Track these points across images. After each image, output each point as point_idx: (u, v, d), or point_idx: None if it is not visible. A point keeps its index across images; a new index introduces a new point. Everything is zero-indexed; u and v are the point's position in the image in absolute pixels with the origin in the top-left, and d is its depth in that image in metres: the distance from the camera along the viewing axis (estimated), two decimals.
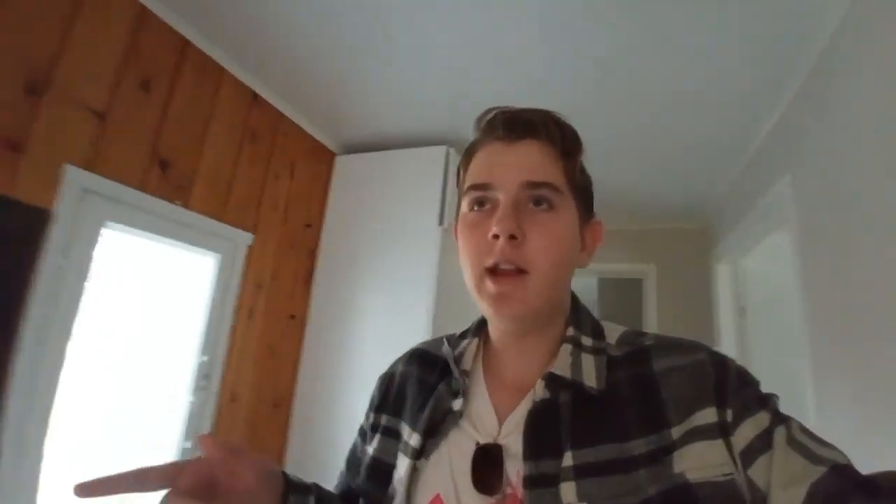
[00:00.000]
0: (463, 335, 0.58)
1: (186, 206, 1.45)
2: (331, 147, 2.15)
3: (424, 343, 0.62)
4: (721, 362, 0.44)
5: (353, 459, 0.58)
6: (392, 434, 0.54)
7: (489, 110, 0.52)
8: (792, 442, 0.39)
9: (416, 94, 1.70)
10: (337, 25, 1.36)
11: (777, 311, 2.01)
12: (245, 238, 1.69)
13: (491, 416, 0.48)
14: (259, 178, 1.76)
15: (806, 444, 0.39)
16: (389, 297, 1.89)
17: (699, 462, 0.40)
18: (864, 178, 1.07)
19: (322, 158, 2.11)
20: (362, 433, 0.59)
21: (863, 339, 1.06)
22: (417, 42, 1.41)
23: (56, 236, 1.11)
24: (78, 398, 1.19)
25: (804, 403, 1.32)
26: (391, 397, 0.57)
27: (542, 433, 0.44)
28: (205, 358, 1.53)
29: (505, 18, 1.28)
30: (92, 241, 1.19)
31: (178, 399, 1.49)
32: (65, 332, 1.14)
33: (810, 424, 0.41)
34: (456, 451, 0.47)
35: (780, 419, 0.41)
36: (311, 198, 2.05)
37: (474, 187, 0.49)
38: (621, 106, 1.64)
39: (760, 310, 2.20)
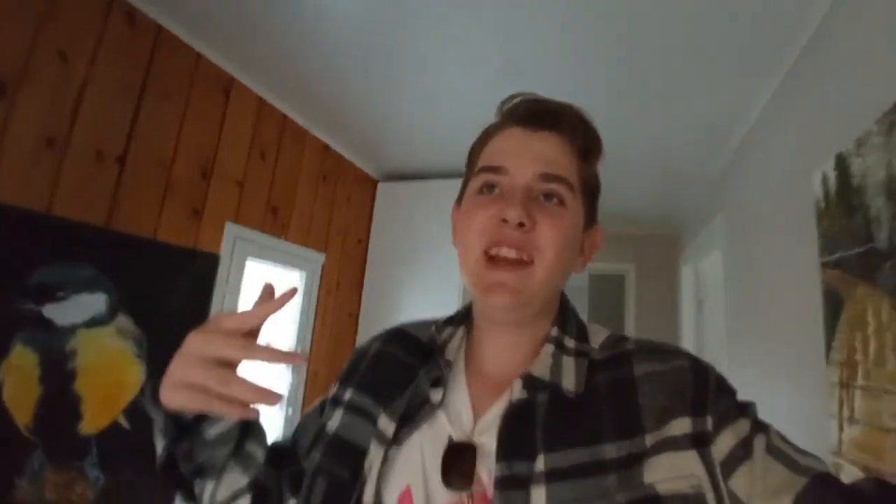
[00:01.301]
0: (449, 321, 0.56)
1: (287, 238, 1.98)
2: (374, 175, 2.65)
3: (408, 324, 0.59)
4: (701, 370, 0.44)
5: (308, 425, 0.56)
6: (360, 413, 0.51)
7: (514, 95, 0.51)
8: (772, 450, 0.39)
9: (451, 131, 2.04)
10: (382, 77, 1.67)
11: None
12: (320, 257, 2.22)
13: (467, 411, 0.47)
14: (328, 209, 2.28)
15: (786, 452, 0.40)
16: (423, 296, 2.44)
17: (670, 473, 0.39)
18: (763, 225, 1.61)
19: (368, 185, 2.63)
20: (323, 402, 0.57)
21: (759, 323, 1.62)
22: (451, 87, 1.69)
23: (221, 271, 1.64)
24: None
25: (723, 363, 1.91)
26: (359, 373, 0.55)
27: (516, 434, 0.43)
28: (299, 348, 2.09)
29: (534, 58, 1.51)
30: (241, 272, 1.73)
31: (281, 378, 2.05)
32: None
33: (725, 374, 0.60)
34: (429, 443, 0.46)
35: (759, 427, 0.41)
36: (360, 218, 2.57)
37: (487, 169, 0.48)
38: (618, 143, 2.05)
39: (714, 303, 2.79)
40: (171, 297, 1.45)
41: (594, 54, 1.44)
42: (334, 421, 0.52)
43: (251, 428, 0.51)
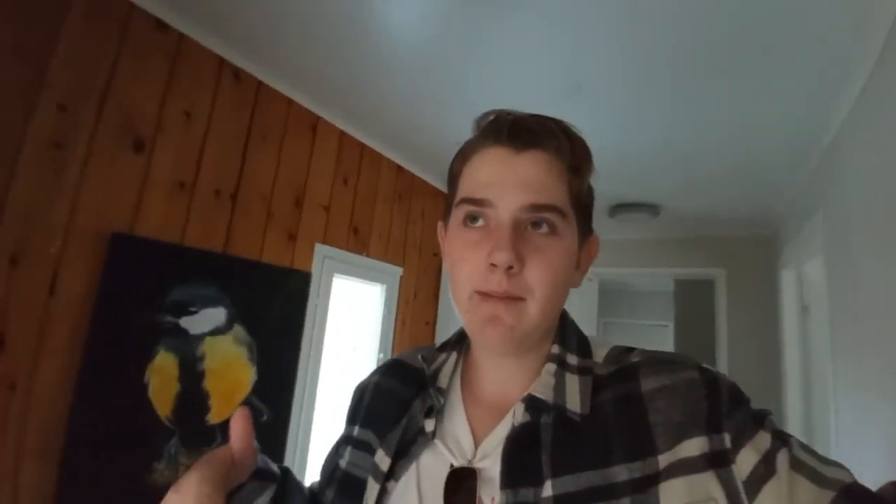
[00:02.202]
0: (442, 347, 0.55)
1: (368, 255, 2.17)
2: (445, 190, 2.79)
3: (404, 354, 0.59)
4: (712, 381, 0.42)
5: (327, 465, 0.57)
6: (364, 447, 0.52)
7: (490, 112, 0.48)
8: (796, 464, 0.38)
9: None
10: (449, 100, 1.82)
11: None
12: (398, 270, 2.39)
13: (467, 437, 0.46)
14: (404, 226, 2.45)
15: (811, 465, 0.38)
16: None
17: (687, 498, 0.38)
18: (865, 226, 1.46)
19: (440, 200, 2.77)
20: (338, 442, 0.58)
21: (864, 332, 1.45)
22: (513, 105, 1.92)
23: (312, 288, 1.85)
24: (324, 380, 1.95)
25: (828, 382, 1.74)
26: (363, 408, 0.56)
27: (521, 460, 0.42)
28: (381, 355, 2.27)
29: (597, 74, 1.54)
30: (329, 288, 1.94)
31: None
32: (320, 342, 1.89)
33: (830, 392, 0.58)
34: (426, 474, 0.45)
35: (779, 439, 0.40)
36: (434, 231, 2.72)
37: (470, 201, 0.45)
38: (706, 138, 1.94)
39: (820, 310, 2.51)
40: (274, 309, 1.68)
41: (664, 61, 1.42)
42: (345, 459, 0.53)
43: (285, 495, 0.51)
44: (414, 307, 2.52)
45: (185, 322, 1.39)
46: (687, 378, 0.43)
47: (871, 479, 0.38)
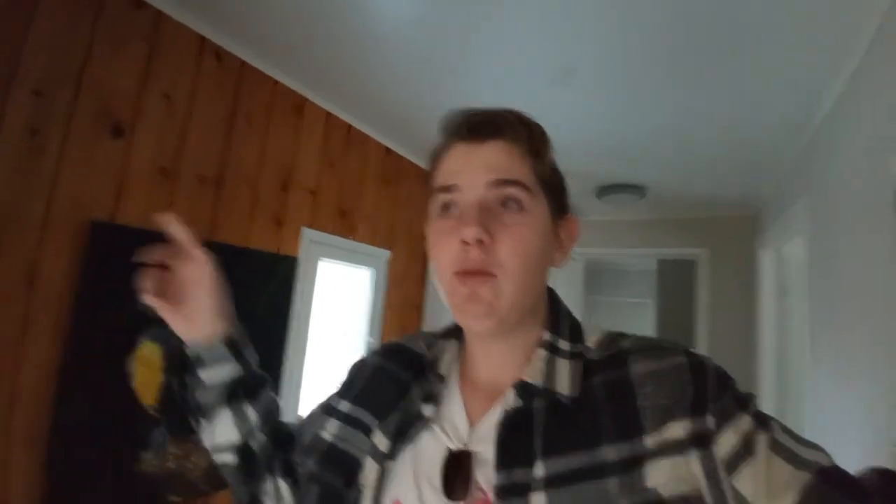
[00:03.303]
0: (443, 335, 0.57)
1: (355, 238, 2.16)
2: None
3: (405, 338, 0.61)
4: (699, 366, 0.44)
5: (306, 432, 0.58)
6: (357, 425, 0.53)
7: (452, 112, 0.51)
8: (775, 445, 0.39)
9: None
10: (439, 83, 1.80)
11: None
12: (386, 254, 2.38)
13: (463, 421, 0.48)
14: (392, 209, 2.43)
15: (789, 447, 0.40)
16: None
17: (672, 476, 0.39)
18: (850, 208, 1.49)
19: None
20: (322, 409, 0.59)
21: (844, 314, 1.50)
22: (506, 90, 1.84)
23: (299, 272, 1.84)
24: (310, 359, 1.96)
25: (805, 356, 1.81)
26: (358, 385, 0.57)
27: (514, 442, 0.44)
28: (370, 339, 2.28)
29: (590, 58, 1.57)
30: (314, 271, 1.93)
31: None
32: (306, 325, 1.89)
33: (807, 370, 0.61)
34: (423, 456, 0.47)
35: (761, 422, 0.41)
36: (422, 215, 2.69)
37: (441, 189, 0.48)
38: (688, 126, 1.99)
39: (799, 291, 2.59)
40: (261, 296, 1.67)
41: (653, 45, 1.41)
42: (329, 430, 0.55)
43: (253, 389, 0.57)
44: (402, 291, 2.53)
45: None
46: (675, 363, 0.44)
47: (850, 455, 0.40)
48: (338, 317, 2.21)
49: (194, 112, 1.44)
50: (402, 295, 2.52)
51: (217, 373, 0.55)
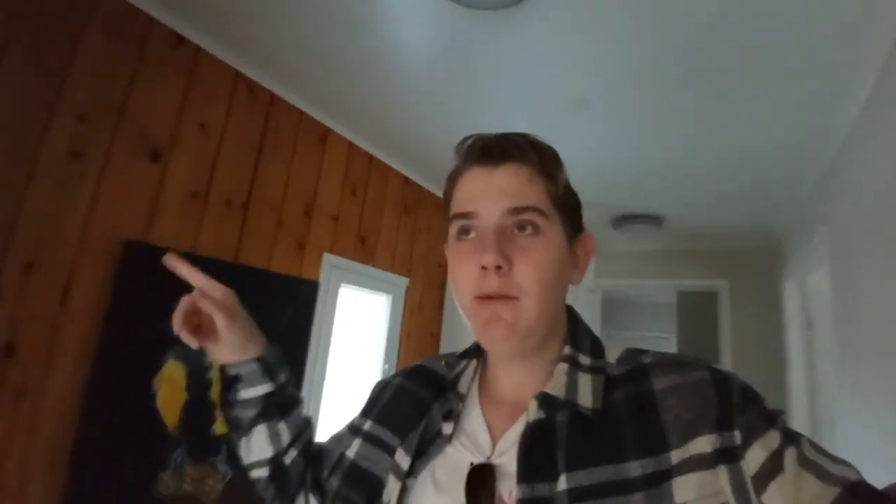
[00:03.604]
0: (463, 355, 0.58)
1: (374, 265, 2.18)
2: None
3: (427, 359, 0.62)
4: (723, 381, 0.44)
5: (331, 452, 0.60)
6: (379, 444, 0.54)
7: (467, 137, 0.52)
8: (804, 462, 0.39)
9: None
10: (455, 114, 1.97)
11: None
12: (404, 281, 2.40)
13: (485, 435, 0.48)
14: (410, 237, 2.46)
15: (818, 463, 0.39)
16: None
17: (700, 493, 0.39)
18: (872, 237, 1.47)
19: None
20: (346, 431, 0.61)
21: (871, 344, 1.44)
22: (519, 120, 1.95)
23: (319, 295, 1.86)
24: (328, 384, 1.94)
25: (835, 392, 1.73)
26: (379, 405, 0.59)
27: (536, 455, 0.43)
28: (386, 366, 2.26)
29: (602, 90, 1.66)
30: (335, 296, 1.94)
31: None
32: (326, 347, 1.89)
33: (837, 405, 0.58)
34: (444, 472, 0.48)
35: (789, 438, 0.40)
36: (440, 244, 2.72)
37: (458, 216, 0.49)
38: (703, 156, 2.01)
39: (824, 322, 2.51)
40: (282, 318, 1.68)
41: (667, 75, 1.45)
42: (352, 449, 0.57)
43: (287, 408, 0.59)
44: (419, 318, 2.52)
45: None
46: (698, 378, 0.45)
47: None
48: (355, 342, 2.21)
49: (226, 140, 1.51)
50: (418, 322, 2.51)
51: (253, 391, 0.57)
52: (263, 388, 0.57)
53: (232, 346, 0.55)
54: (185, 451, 1.36)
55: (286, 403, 0.59)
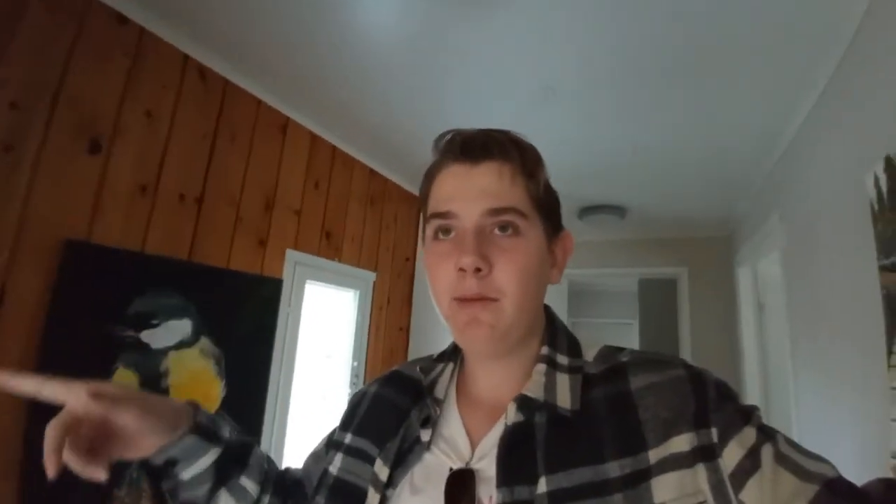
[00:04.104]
0: (439, 358, 0.57)
1: (340, 260, 2.12)
2: (418, 195, 2.77)
3: (403, 365, 0.61)
4: (698, 378, 0.44)
5: (313, 470, 0.58)
6: (359, 455, 0.53)
7: (445, 133, 0.51)
8: (780, 458, 0.39)
9: None
10: (421, 104, 1.95)
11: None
12: (371, 276, 2.34)
13: (464, 440, 0.48)
14: (377, 230, 2.41)
15: (794, 460, 0.39)
16: None
17: (678, 492, 0.39)
18: (826, 223, 1.54)
19: (413, 204, 2.74)
20: (327, 444, 0.59)
21: (821, 326, 1.53)
22: (486, 110, 1.95)
23: (283, 294, 1.78)
24: (297, 384, 1.88)
25: (787, 371, 1.83)
26: (358, 416, 0.57)
27: (515, 458, 0.43)
28: (355, 363, 2.21)
29: (568, 78, 1.72)
30: (301, 294, 1.87)
31: (340, 391, 2.17)
32: (293, 351, 1.82)
33: (791, 385, 0.60)
34: (423, 479, 0.47)
35: (765, 434, 0.41)
36: (407, 237, 2.69)
37: (437, 216, 0.48)
38: (665, 147, 2.06)
39: (775, 306, 2.65)
40: (243, 319, 1.60)
41: (631, 67, 1.46)
42: (335, 465, 0.54)
43: (242, 458, 0.53)
44: (388, 313, 2.48)
45: (146, 336, 1.30)
46: (674, 375, 0.45)
47: (846, 470, 0.39)
48: (322, 340, 2.14)
49: (176, 129, 1.41)
50: (387, 317, 2.47)
51: (198, 466, 0.49)
52: (211, 456, 0.50)
53: (156, 430, 0.46)
54: (140, 464, 1.27)
55: (240, 454, 0.53)
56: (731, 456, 0.40)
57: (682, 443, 0.41)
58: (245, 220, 1.64)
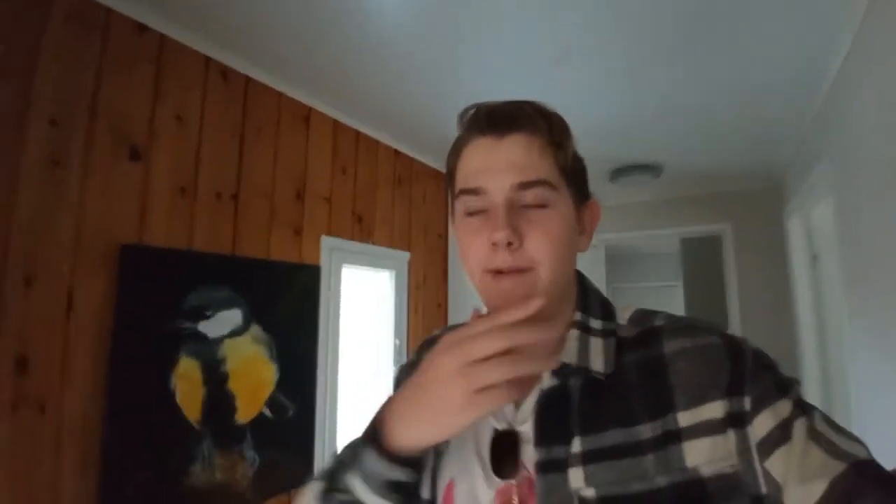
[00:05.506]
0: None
1: (373, 242, 2.17)
2: (443, 170, 2.76)
3: (443, 330, 0.63)
4: (736, 347, 0.44)
5: None
6: None
7: (470, 107, 0.51)
8: (813, 434, 0.39)
9: None
10: (439, 79, 1.93)
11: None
12: (405, 256, 2.39)
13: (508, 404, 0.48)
14: (407, 210, 2.44)
15: (828, 437, 0.38)
16: None
17: (710, 456, 0.40)
18: (876, 166, 1.44)
19: (440, 181, 2.75)
20: None
21: (879, 275, 1.44)
22: (503, 78, 1.92)
23: (323, 280, 1.85)
24: (343, 365, 1.97)
25: (845, 326, 1.74)
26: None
27: (551, 420, 0.45)
28: (397, 341, 2.29)
29: (583, 41, 1.60)
30: (338, 278, 1.94)
31: (385, 368, 2.26)
32: (336, 333, 1.91)
33: (846, 339, 0.56)
34: (474, 438, 0.48)
35: (801, 409, 0.40)
36: (437, 213, 2.71)
37: (466, 191, 0.48)
38: (696, 98, 1.95)
39: (830, 257, 2.50)
40: (287, 305, 1.68)
41: (650, 15, 1.38)
42: None
43: None
44: (424, 290, 2.53)
45: (202, 326, 1.39)
46: (710, 342, 0.45)
47: None
48: (364, 322, 2.22)
49: (205, 130, 1.47)
50: (424, 295, 2.52)
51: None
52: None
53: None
54: (211, 441, 1.39)
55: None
56: (762, 425, 0.40)
57: (715, 409, 0.41)
58: (279, 211, 1.71)
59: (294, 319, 1.70)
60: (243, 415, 1.49)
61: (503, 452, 0.46)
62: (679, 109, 2.06)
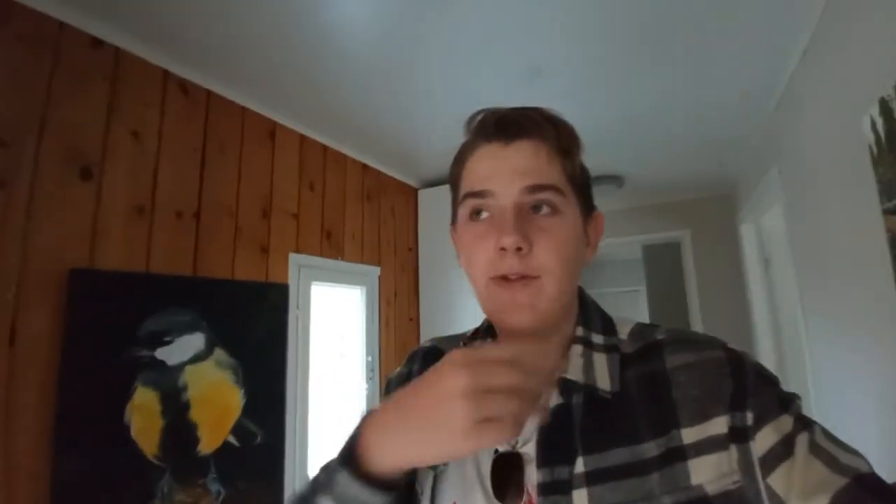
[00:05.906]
0: (474, 335, 0.56)
1: (343, 258, 2.13)
2: (413, 184, 2.76)
3: (439, 340, 0.60)
4: (737, 361, 0.43)
5: None
6: None
7: (477, 112, 0.50)
8: (814, 449, 0.38)
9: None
10: (408, 93, 1.88)
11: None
12: (376, 270, 2.35)
13: None
14: (376, 225, 2.41)
15: (829, 451, 0.38)
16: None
17: (715, 472, 0.39)
18: (820, 174, 1.53)
19: (409, 194, 2.74)
20: None
21: (828, 275, 1.52)
22: (476, 92, 1.94)
23: (291, 297, 1.80)
24: (314, 385, 1.90)
25: (798, 323, 1.84)
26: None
27: (555, 440, 0.43)
28: (369, 357, 2.24)
29: (554, 56, 1.65)
30: (308, 296, 1.89)
31: (357, 386, 2.20)
32: (306, 353, 1.85)
33: (803, 337, 0.59)
34: (471, 459, 0.46)
35: (803, 424, 0.40)
36: (407, 227, 2.69)
37: (472, 195, 0.47)
38: (656, 112, 2.06)
39: (781, 259, 2.65)
40: (254, 327, 1.62)
41: (612, 33, 1.44)
42: None
43: None
44: (396, 305, 2.49)
45: (161, 353, 1.32)
46: (712, 357, 0.44)
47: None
48: (335, 339, 2.16)
49: (164, 147, 1.40)
50: (396, 309, 2.49)
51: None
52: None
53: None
54: (171, 476, 1.31)
55: None
56: (765, 441, 0.39)
57: (719, 425, 0.40)
58: (244, 229, 1.65)
59: (261, 341, 1.64)
60: (207, 445, 1.41)
61: (505, 474, 0.44)
62: (639, 124, 2.14)
